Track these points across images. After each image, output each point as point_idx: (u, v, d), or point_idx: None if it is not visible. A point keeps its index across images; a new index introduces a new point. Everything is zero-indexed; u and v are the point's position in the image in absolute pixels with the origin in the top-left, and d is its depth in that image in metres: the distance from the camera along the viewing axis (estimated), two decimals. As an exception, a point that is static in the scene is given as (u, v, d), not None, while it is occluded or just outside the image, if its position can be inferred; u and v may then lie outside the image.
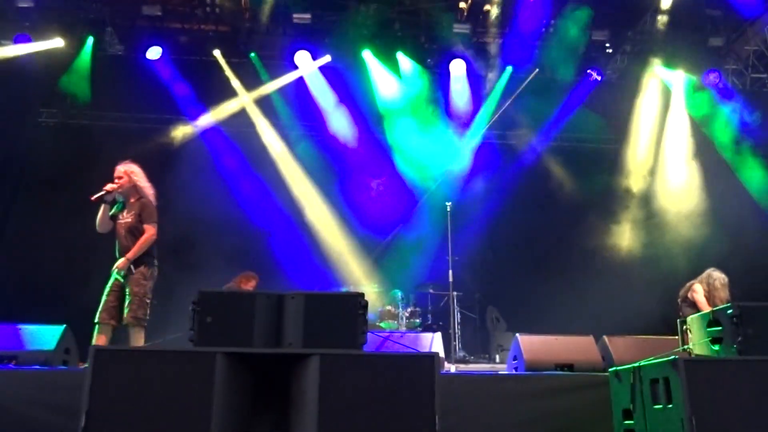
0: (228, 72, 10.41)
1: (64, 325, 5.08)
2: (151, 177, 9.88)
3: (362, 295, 3.45)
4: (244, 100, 10.51)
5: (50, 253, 9.24)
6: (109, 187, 5.45)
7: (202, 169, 9.75)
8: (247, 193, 9.86)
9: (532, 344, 5.39)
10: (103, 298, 5.30)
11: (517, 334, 5.53)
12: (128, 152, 9.35)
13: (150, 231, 5.44)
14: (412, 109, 10.44)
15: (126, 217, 5.48)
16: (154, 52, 9.99)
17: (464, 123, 10.64)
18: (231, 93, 10.47)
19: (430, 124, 10.46)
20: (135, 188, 5.57)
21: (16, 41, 9.64)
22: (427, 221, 9.73)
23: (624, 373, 4.00)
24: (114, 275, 5.35)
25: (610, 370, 4.24)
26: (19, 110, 10.08)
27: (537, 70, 10.30)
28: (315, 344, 3.34)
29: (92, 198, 5.39)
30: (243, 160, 10.26)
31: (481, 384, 4.66)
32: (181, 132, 10.31)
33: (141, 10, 9.85)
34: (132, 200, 5.55)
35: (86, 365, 3.05)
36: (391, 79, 10.46)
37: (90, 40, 9.96)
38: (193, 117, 10.37)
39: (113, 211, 5.53)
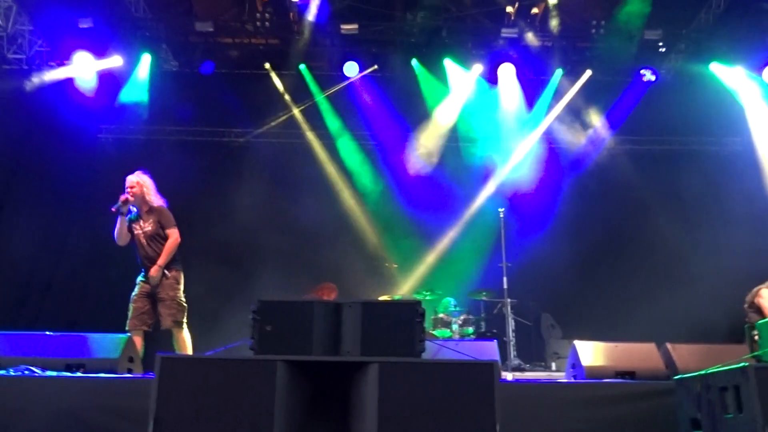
0: (278, 84, 10.60)
1: (128, 334, 5.24)
2: (207, 188, 10.17)
3: (419, 302, 3.45)
4: (294, 111, 10.67)
5: (107, 263, 9.55)
6: (124, 197, 5.55)
7: (256, 179, 9.94)
8: (299, 201, 9.98)
9: (590, 351, 5.27)
10: (131, 306, 5.46)
11: (575, 341, 5.42)
12: (185, 164, 9.75)
13: (174, 235, 5.58)
14: (462, 115, 10.41)
15: (145, 226, 5.61)
16: (207, 67, 10.26)
17: (515, 127, 10.53)
18: (282, 104, 10.65)
19: (481, 129, 10.40)
20: (144, 199, 5.67)
21: (78, 61, 10.02)
22: (478, 227, 9.66)
23: (691, 382, 3.87)
24: (140, 283, 5.50)
25: (675, 378, 4.12)
26: (80, 127, 10.48)
27: (589, 71, 10.12)
28: (373, 352, 3.35)
29: (112, 209, 5.51)
30: (293, 170, 10.41)
31: (539, 392, 4.59)
32: (234, 143, 10.54)
33: (194, 26, 10.12)
34: (145, 209, 5.66)
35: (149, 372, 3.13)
36: (439, 86, 10.45)
37: (146, 57, 10.28)
38: (246, 129, 10.60)
39: (129, 219, 5.64)
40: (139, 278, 5.61)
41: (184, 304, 5.58)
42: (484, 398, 3.16)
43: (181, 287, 5.61)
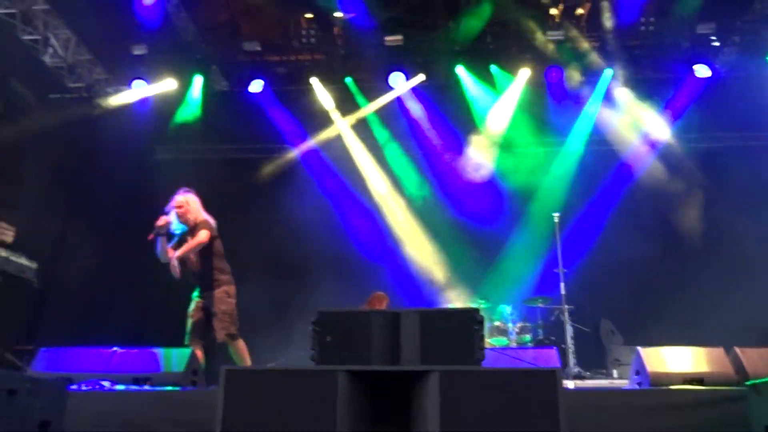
0: (325, 98, 10.75)
1: (191, 348, 5.37)
2: (260, 202, 10.38)
3: (477, 310, 3.43)
4: (342, 124, 10.80)
5: (166, 277, 9.82)
6: (161, 221, 5.63)
7: (306, 192, 10.10)
8: (350, 212, 10.08)
9: (655, 357, 5.12)
10: (189, 321, 5.58)
11: (639, 348, 5.27)
12: (238, 180, 9.99)
13: (203, 235, 5.60)
14: (511, 120, 10.34)
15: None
16: (256, 86, 10.51)
17: (565, 131, 10.39)
18: (329, 118, 10.79)
19: (530, 134, 10.30)
20: (191, 217, 5.79)
21: (134, 87, 10.41)
22: (532, 233, 9.55)
23: (764, 387, 3.72)
24: (195, 298, 5.62)
25: (748, 383, 3.96)
26: (137, 149, 10.87)
27: (640, 69, 9.91)
28: (432, 361, 3.34)
29: (149, 237, 5.63)
30: (343, 182, 10.53)
31: (603, 400, 4.49)
32: (285, 159, 10.74)
33: (242, 46, 10.39)
34: (192, 226, 5.77)
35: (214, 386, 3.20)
36: (487, 93, 10.41)
37: (198, 79, 10.59)
38: (296, 144, 10.78)
39: (176, 240, 5.73)
40: (194, 294, 5.73)
41: (236, 316, 5.66)
42: (547, 407, 3.10)
43: (234, 300, 5.69)
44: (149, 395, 4.45)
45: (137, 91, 10.49)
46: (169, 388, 4.70)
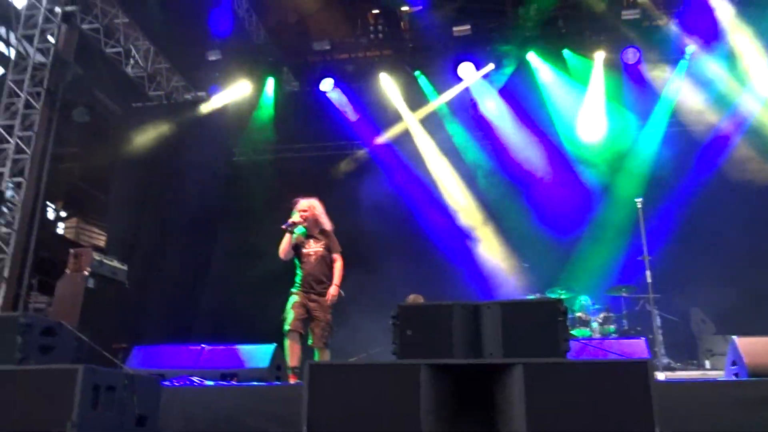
0: (395, 92, 10.73)
1: (275, 344, 5.48)
2: (335, 199, 10.48)
3: (561, 301, 3.33)
4: (412, 118, 10.77)
5: (249, 276, 10.11)
6: (296, 219, 5.78)
7: (379, 187, 10.13)
8: (424, 206, 10.04)
9: (753, 347, 4.81)
10: (293, 311, 5.50)
11: (734, 337, 4.98)
12: (313, 178, 10.13)
13: (341, 259, 5.80)
14: (586, 104, 10.00)
15: (316, 247, 5.81)
16: (326, 84, 10.63)
17: (648, 113, 9.95)
18: (400, 112, 10.78)
19: (608, 117, 9.93)
20: (317, 222, 5.89)
21: (211, 92, 10.75)
22: (613, 220, 9.22)
23: None
24: (298, 294, 5.61)
25: None
26: (215, 152, 11.22)
27: (725, 43, 9.36)
28: (515, 353, 3.27)
29: (283, 227, 5.73)
30: (416, 176, 10.50)
31: (698, 392, 4.26)
32: (357, 155, 10.82)
33: (312, 46, 10.53)
34: (316, 232, 5.88)
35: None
36: (559, 78, 10.12)
37: (270, 81, 10.81)
38: (368, 140, 10.84)
39: (294, 241, 5.81)
40: (294, 289, 5.72)
41: (332, 327, 5.73)
42: (639, 399, 2.98)
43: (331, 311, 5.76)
44: (237, 390, 4.58)
45: (217, 98, 10.81)
46: (255, 383, 4.81)
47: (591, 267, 9.23)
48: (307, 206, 5.92)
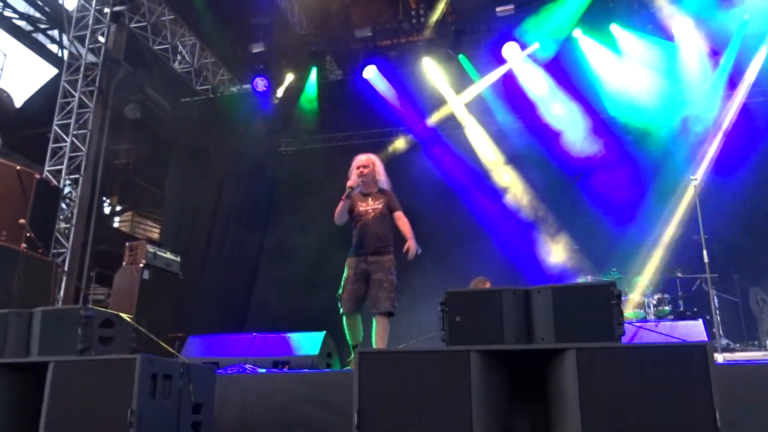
0: (440, 77, 10.62)
1: (324, 332, 5.53)
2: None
3: (614, 283, 3.23)
4: (457, 102, 10.65)
5: (298, 265, 10.23)
6: (352, 182, 5.32)
7: (426, 174, 10.07)
8: (471, 192, 9.93)
9: (820, 327, 4.62)
10: (348, 287, 5.09)
11: (798, 317, 4.78)
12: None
13: (405, 218, 5.34)
14: (637, 81, 9.66)
15: (374, 204, 5.33)
16: (369, 71, 10.60)
17: (704, 85, 9.53)
18: (445, 97, 10.67)
19: (664, 92, 9.55)
20: (376, 179, 5.45)
21: (255, 82, 10.86)
22: (666, 199, 8.93)
23: None
24: (355, 263, 5.15)
25: None
26: (263, 142, 11.36)
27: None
28: (568, 338, 3.19)
29: (347, 191, 5.24)
30: (462, 161, 10.39)
31: (760, 374, 4.11)
32: (403, 141, 10.77)
33: (353, 34, 10.51)
34: (374, 189, 5.43)
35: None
36: (608, 54, 9.81)
37: (313, 71, 10.85)
38: (412, 125, 10.78)
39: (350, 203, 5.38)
40: (350, 255, 5.28)
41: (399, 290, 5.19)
42: (698, 383, 2.88)
43: (395, 274, 5.21)
44: (290, 377, 4.64)
45: (258, 87, 10.90)
46: (307, 370, 4.87)
47: (645, 247, 8.98)
48: (367, 161, 5.46)
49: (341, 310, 5.11)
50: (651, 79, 9.58)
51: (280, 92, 11.06)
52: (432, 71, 10.59)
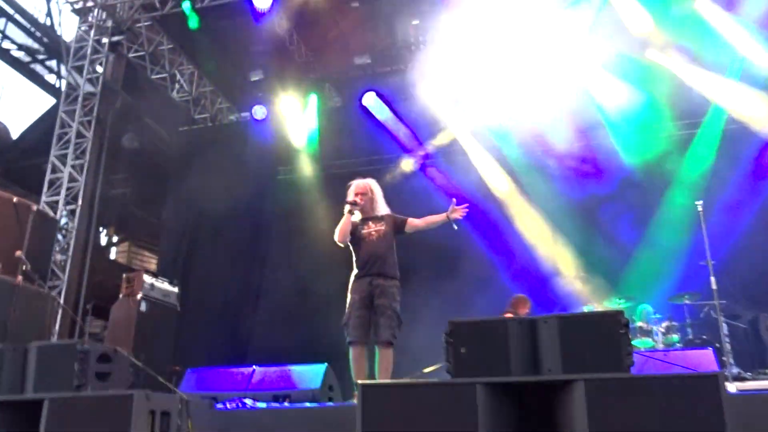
0: (440, 102, 10.64)
1: (326, 364, 5.48)
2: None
3: (621, 312, 3.21)
4: (460, 127, 10.68)
5: (298, 296, 10.20)
6: (353, 200, 5.29)
7: (427, 201, 10.04)
8: (478, 217, 9.92)
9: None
10: (355, 312, 4.97)
11: (810, 344, 4.74)
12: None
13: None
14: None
15: (376, 227, 5.28)
16: (369, 98, 10.68)
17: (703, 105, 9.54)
18: (446, 123, 10.72)
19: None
20: (374, 205, 5.40)
21: (253, 110, 10.94)
22: (671, 224, 8.92)
23: None
24: (359, 288, 5.05)
25: None
26: (262, 170, 11.40)
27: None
28: (576, 369, 3.17)
29: (349, 210, 5.22)
30: (468, 188, 10.35)
31: (773, 404, 4.06)
32: (403, 168, 10.82)
33: (353, 61, 10.62)
34: (373, 215, 5.36)
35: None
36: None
37: (312, 98, 10.94)
38: (415, 152, 10.83)
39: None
40: (353, 278, 5.20)
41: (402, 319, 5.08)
42: (711, 414, 2.85)
43: (399, 300, 5.11)
44: (290, 413, 4.59)
45: (258, 115, 10.97)
46: (308, 404, 4.82)
47: (651, 274, 8.92)
48: (364, 187, 5.41)
49: (348, 338, 4.99)
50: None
51: (279, 120, 11.11)
52: (433, 96, 10.64)
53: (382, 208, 5.44)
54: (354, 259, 5.30)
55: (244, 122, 11.51)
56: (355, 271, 5.22)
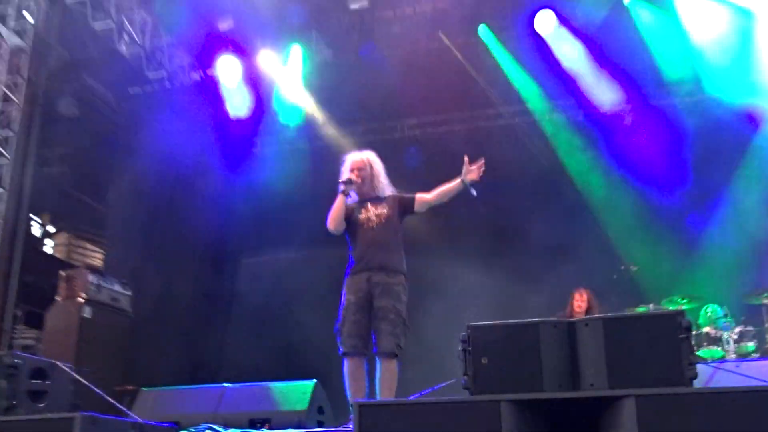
0: (456, 56, 10.63)
1: (314, 380, 5.51)
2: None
3: (683, 313, 3.24)
4: (480, 86, 10.68)
5: (280, 301, 10.26)
6: (352, 177, 5.30)
7: (441, 176, 10.08)
8: (500, 197, 9.95)
9: None
10: (350, 317, 4.98)
11: None
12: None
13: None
14: (701, 58, 9.67)
15: (377, 210, 5.29)
16: (366, 50, 10.65)
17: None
18: (463, 81, 10.68)
19: (732, 70, 9.57)
20: (375, 183, 5.42)
21: (221, 67, 10.91)
22: (748, 210, 8.96)
23: None
24: (354, 286, 5.08)
25: None
26: (232, 142, 11.42)
27: None
28: (624, 382, 3.21)
29: (341, 190, 5.25)
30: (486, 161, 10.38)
31: None
32: (408, 137, 10.84)
33: (347, 4, 10.54)
34: (373, 195, 5.39)
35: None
36: (661, 22, 9.80)
37: (295, 49, 10.88)
38: (422, 117, 10.86)
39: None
40: (348, 275, 5.21)
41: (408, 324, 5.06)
42: (793, 437, 2.88)
43: (406, 301, 5.12)
44: (270, 440, 4.64)
45: (227, 73, 10.92)
46: (292, 430, 4.85)
47: (722, 269, 8.98)
48: (362, 162, 5.42)
49: (341, 349, 5.00)
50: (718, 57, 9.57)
51: (252, 79, 11.09)
52: (447, 47, 10.61)
53: (385, 188, 5.44)
54: (350, 250, 5.31)
55: (210, 82, 11.46)
56: (351, 263, 5.24)
